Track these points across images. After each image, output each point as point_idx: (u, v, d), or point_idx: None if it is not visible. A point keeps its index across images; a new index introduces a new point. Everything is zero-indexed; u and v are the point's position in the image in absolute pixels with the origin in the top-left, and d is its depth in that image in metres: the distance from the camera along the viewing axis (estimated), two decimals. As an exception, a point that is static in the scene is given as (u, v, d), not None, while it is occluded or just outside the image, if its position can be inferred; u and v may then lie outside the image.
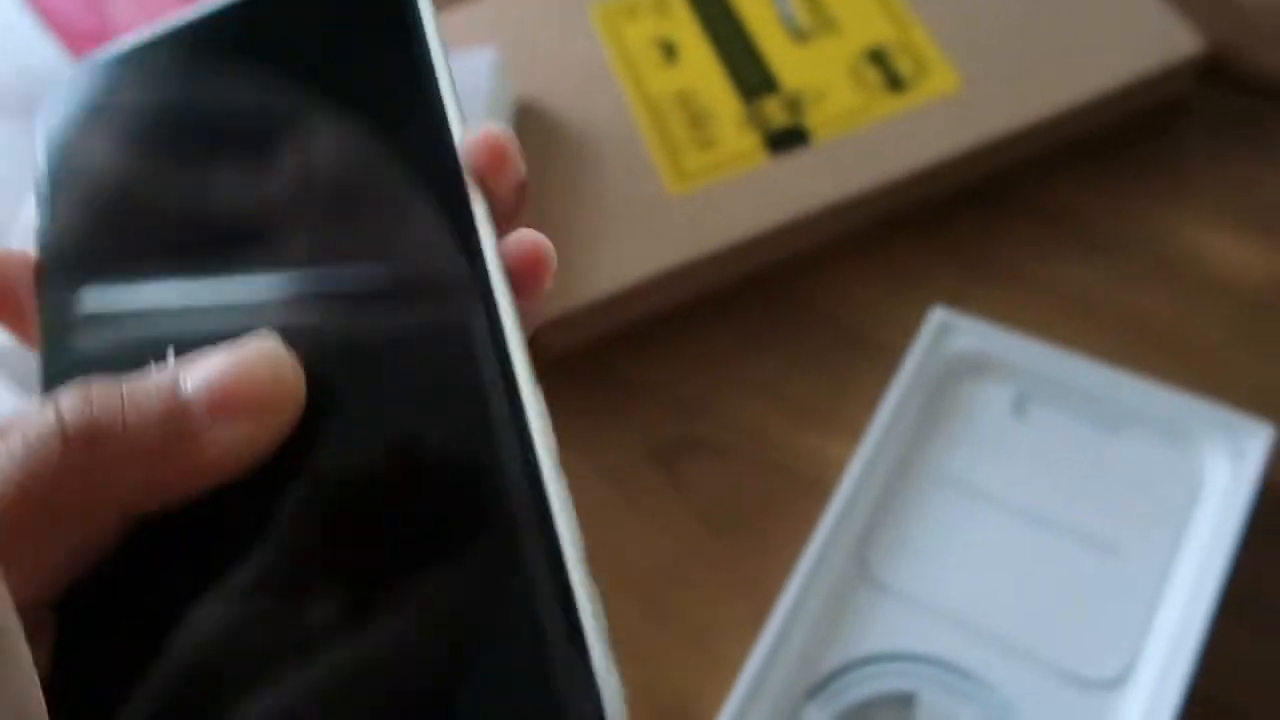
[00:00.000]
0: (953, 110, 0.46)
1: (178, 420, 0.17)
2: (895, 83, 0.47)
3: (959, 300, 0.44)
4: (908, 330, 0.44)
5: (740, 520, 0.41)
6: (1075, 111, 0.45)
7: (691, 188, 0.46)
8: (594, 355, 0.46)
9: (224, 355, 0.18)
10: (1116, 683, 0.34)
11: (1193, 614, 0.34)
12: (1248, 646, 0.35)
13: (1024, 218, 0.46)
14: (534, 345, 0.18)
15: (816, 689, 0.35)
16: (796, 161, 0.46)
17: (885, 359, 0.43)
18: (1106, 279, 0.43)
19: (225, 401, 0.18)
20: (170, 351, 0.19)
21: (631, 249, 0.45)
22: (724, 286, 0.46)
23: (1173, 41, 0.46)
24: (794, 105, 0.47)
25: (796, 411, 0.43)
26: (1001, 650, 0.35)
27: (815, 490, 0.38)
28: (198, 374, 0.18)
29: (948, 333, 0.40)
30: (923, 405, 0.39)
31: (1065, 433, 0.38)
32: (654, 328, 0.46)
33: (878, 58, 0.48)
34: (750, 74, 0.49)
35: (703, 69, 0.49)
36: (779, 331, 0.45)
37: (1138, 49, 0.46)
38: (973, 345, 0.40)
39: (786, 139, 0.46)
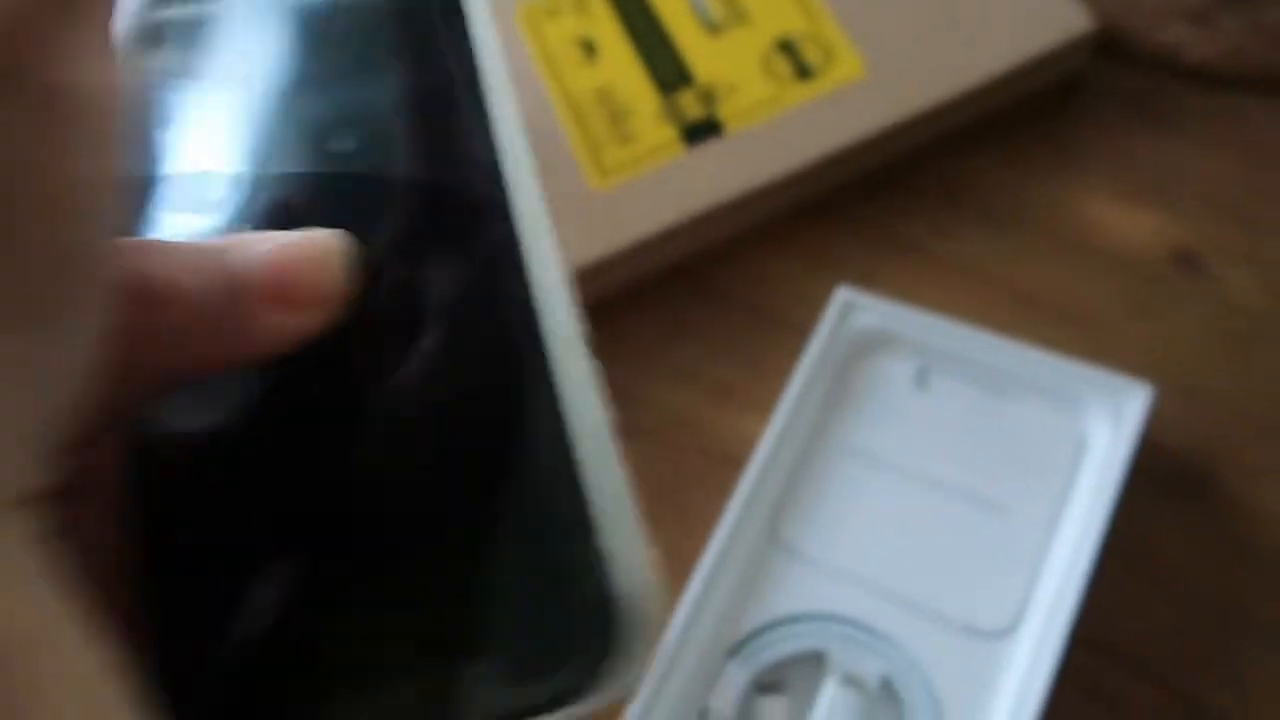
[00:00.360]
0: (858, 97, 0.48)
1: (237, 294, 0.17)
2: (804, 72, 0.49)
3: (868, 278, 0.46)
4: (820, 309, 0.46)
5: (661, 499, 0.43)
6: (975, 92, 0.48)
7: (612, 183, 0.48)
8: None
9: (291, 238, 0.18)
10: (1007, 631, 0.37)
11: (1075, 565, 0.36)
12: (1134, 596, 0.38)
13: (928, 197, 0.48)
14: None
15: (735, 649, 0.38)
16: (711, 152, 0.48)
17: (798, 338, 0.46)
18: (1004, 253, 0.46)
19: (285, 287, 0.17)
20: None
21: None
22: (646, 277, 0.49)
23: (1066, 21, 0.48)
24: (708, 97, 0.49)
25: (716, 393, 0.45)
26: (904, 607, 0.37)
27: (731, 466, 0.41)
28: (258, 250, 0.17)
29: (852, 311, 0.43)
30: (829, 381, 0.42)
31: (962, 401, 0.41)
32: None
33: (787, 47, 0.50)
34: (666, 68, 0.51)
35: (622, 66, 0.51)
36: (698, 318, 0.47)
37: (1033, 30, 0.48)
38: (875, 322, 0.42)
39: (701, 131, 0.49)
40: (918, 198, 0.48)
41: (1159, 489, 0.40)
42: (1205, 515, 0.40)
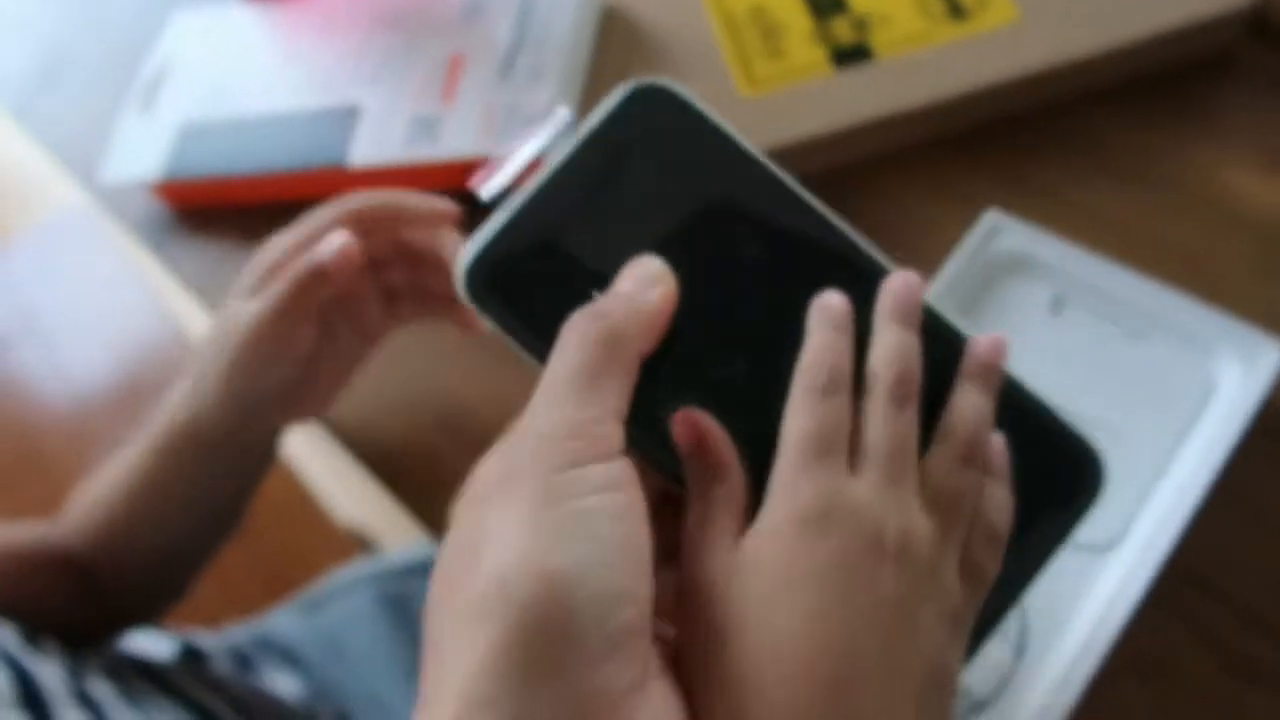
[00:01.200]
0: (1008, 40, 0.49)
1: None
2: (957, 11, 0.50)
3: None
4: (948, 240, 0.47)
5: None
6: (1125, 50, 0.48)
7: (761, 91, 0.49)
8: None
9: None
10: (1107, 548, 0.38)
11: (1183, 498, 0.37)
12: (1231, 535, 0.39)
13: (1067, 145, 0.49)
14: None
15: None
16: (859, 75, 0.49)
17: (925, 266, 0.47)
18: (1137, 207, 0.47)
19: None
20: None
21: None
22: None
23: (1223, -5, 0.49)
24: (861, 25, 0.51)
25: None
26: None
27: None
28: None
29: (998, 234, 0.44)
30: (965, 300, 0.43)
31: (1095, 333, 0.42)
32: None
33: (943, -12, 0.51)
34: (823, -6, 0.52)
35: (778, -13, 0.53)
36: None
37: None
38: (1020, 246, 0.43)
39: (851, 54, 0.50)
40: (1057, 145, 0.49)
41: (1275, 443, 0.40)
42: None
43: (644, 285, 0.27)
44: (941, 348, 0.30)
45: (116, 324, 1.61)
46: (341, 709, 0.62)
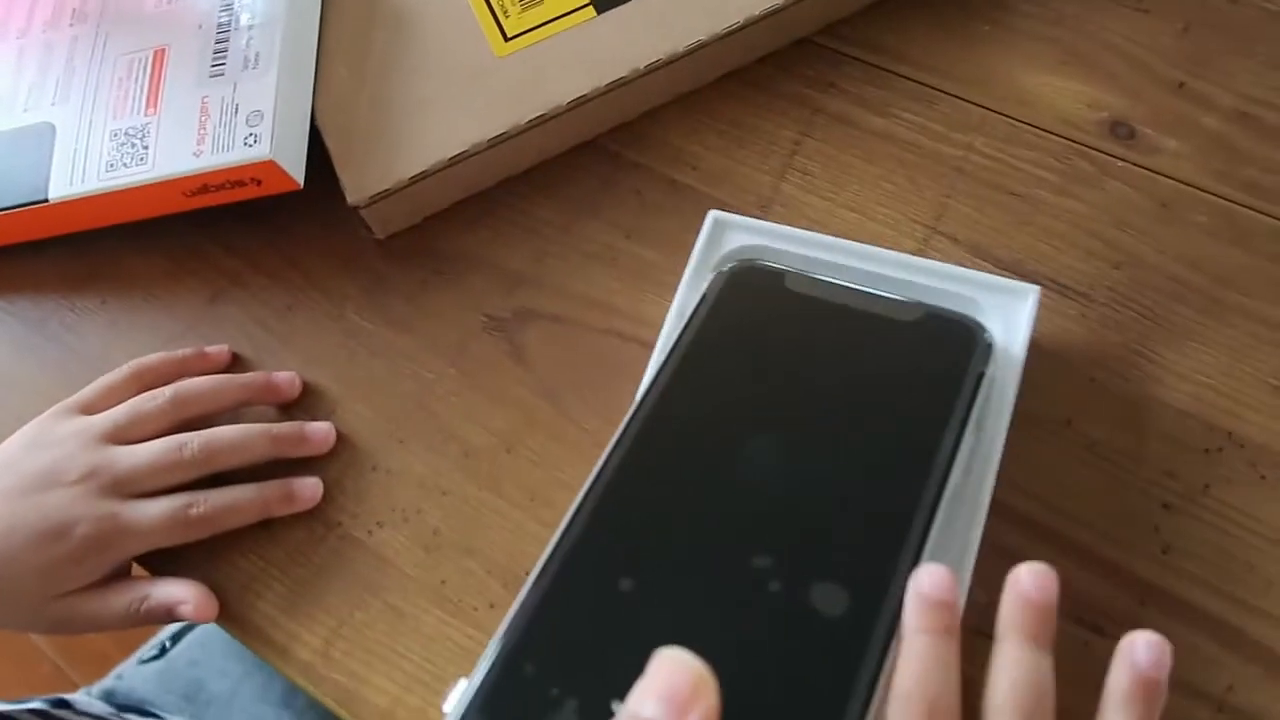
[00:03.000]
0: (782, -43, 0.44)
1: None
2: (723, -70, 0.45)
3: (798, 151, 0.44)
4: (748, 189, 0.43)
5: (579, 387, 0.40)
6: (904, -46, 0.44)
7: (518, 48, 0.44)
8: (425, 231, 0.44)
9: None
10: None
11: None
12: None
13: (855, 69, 0.45)
14: (361, 228, 0.19)
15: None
16: (624, 17, 0.44)
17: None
18: (933, 124, 0.43)
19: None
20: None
21: (457, 117, 0.43)
22: (553, 152, 0.45)
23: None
24: (620, -43, 0.45)
25: (634, 275, 0.42)
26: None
27: (646, 350, 0.37)
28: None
29: (724, 233, 0.39)
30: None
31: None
32: (486, 197, 0.45)
33: (705, -96, 0.46)
34: (574, -74, 0.46)
35: (524, -78, 0.46)
36: (613, 195, 0.44)
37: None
38: (747, 241, 0.39)
39: (613, -7, 0.44)
40: (844, 69, 0.45)
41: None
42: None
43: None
44: None
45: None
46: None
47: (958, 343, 0.34)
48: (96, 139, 0.42)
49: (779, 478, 0.32)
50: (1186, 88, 0.43)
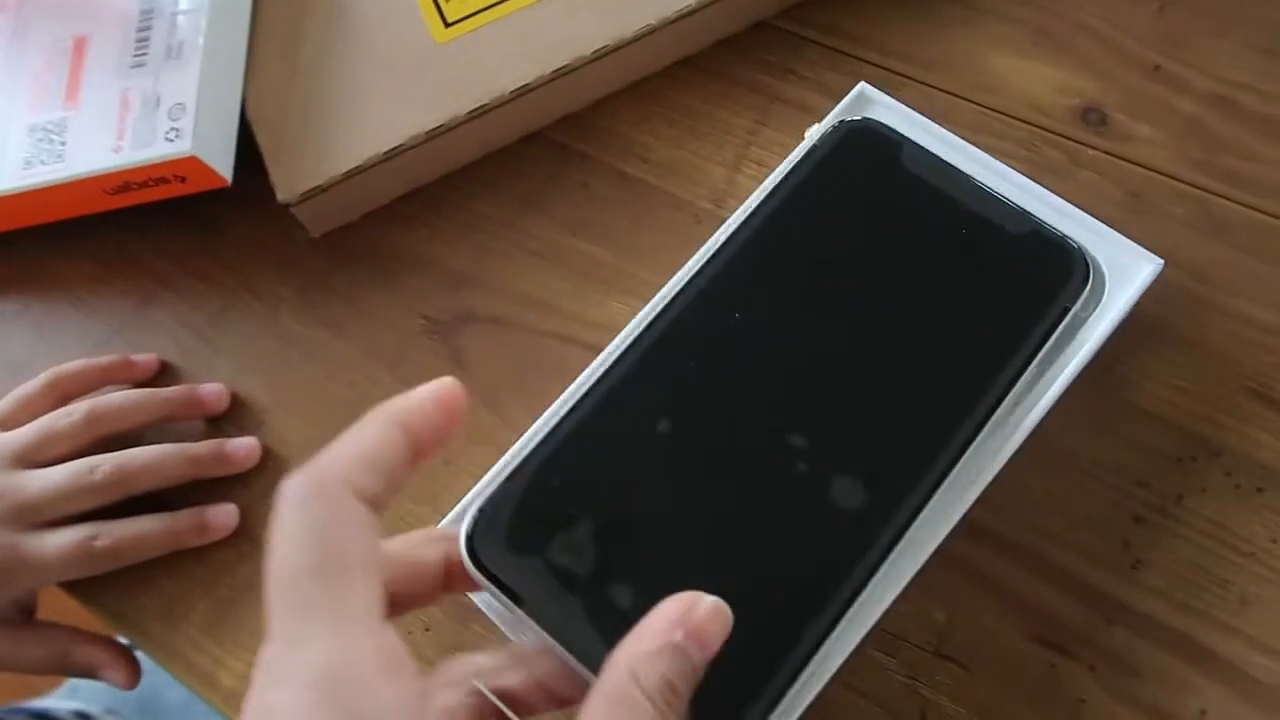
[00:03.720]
0: (738, -65, 0.42)
1: None
2: (676, -93, 0.43)
3: (753, 141, 0.41)
4: (701, 181, 0.41)
5: (522, 393, 0.38)
6: (867, -69, 0.42)
7: (458, 34, 0.41)
8: (362, 230, 0.42)
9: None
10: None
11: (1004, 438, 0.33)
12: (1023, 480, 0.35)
13: (817, 53, 0.43)
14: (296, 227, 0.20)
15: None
16: (572, 0, 0.41)
17: (673, 213, 0.41)
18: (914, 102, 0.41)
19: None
20: None
21: (394, 108, 0.40)
22: (498, 144, 0.42)
23: None
24: (567, -63, 0.43)
25: (580, 275, 0.40)
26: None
27: (591, 354, 0.35)
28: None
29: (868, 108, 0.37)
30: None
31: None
32: (426, 193, 0.42)
33: (657, -120, 0.44)
34: (519, -96, 0.44)
35: (467, -100, 0.44)
36: (559, 189, 0.42)
37: None
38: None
39: (560, -25, 0.42)
40: (804, 54, 0.43)
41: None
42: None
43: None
44: None
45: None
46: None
47: (1057, 268, 0.33)
48: (14, 134, 0.40)
49: (836, 359, 0.32)
50: (1162, 70, 0.41)
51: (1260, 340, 0.36)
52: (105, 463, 0.36)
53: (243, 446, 0.38)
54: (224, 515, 0.37)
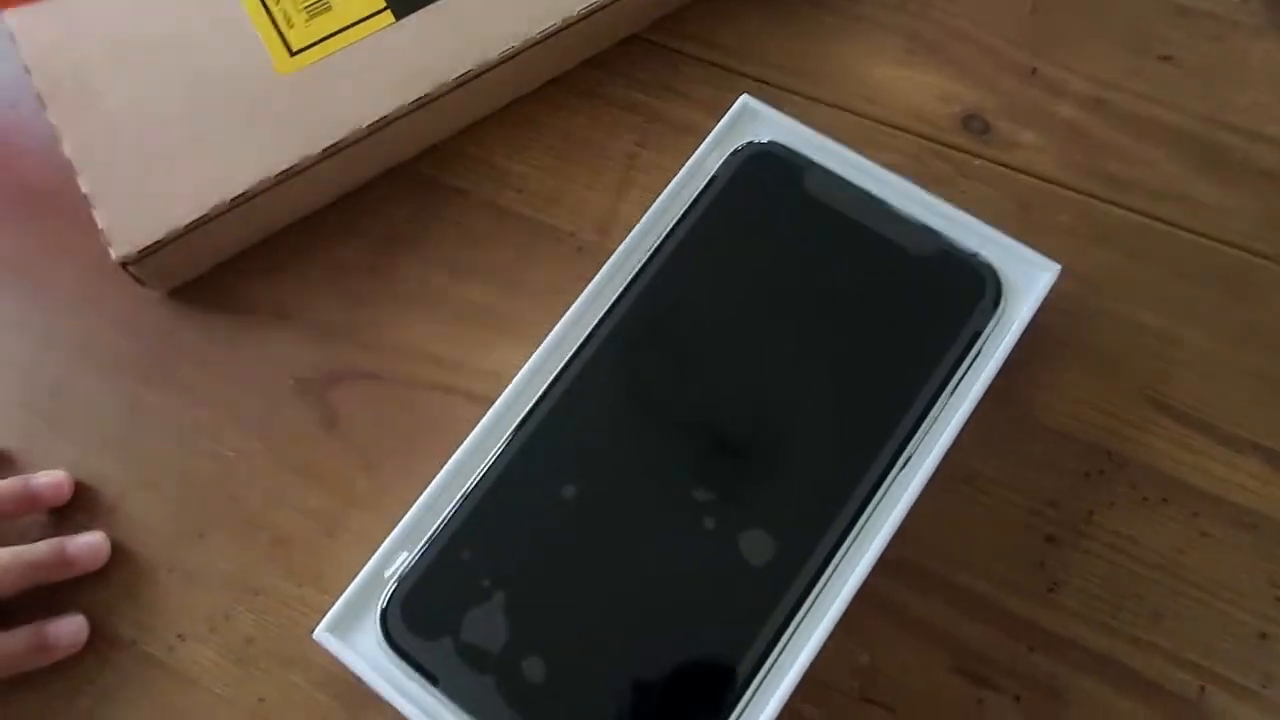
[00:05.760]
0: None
1: None
2: (534, -83, 0.40)
3: (634, 165, 0.39)
4: (582, 211, 0.39)
5: (402, 454, 0.35)
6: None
7: (304, 63, 0.38)
8: (215, 281, 0.38)
9: None
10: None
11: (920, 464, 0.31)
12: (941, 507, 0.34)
13: (695, 67, 0.41)
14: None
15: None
16: (427, 22, 0.38)
17: (561, 245, 0.38)
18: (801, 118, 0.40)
19: None
20: None
21: (238, 150, 0.37)
22: (360, 181, 0.39)
23: None
24: (419, -47, 0.40)
25: (460, 319, 0.37)
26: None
27: (479, 405, 0.33)
28: None
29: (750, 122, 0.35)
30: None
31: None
32: (283, 239, 0.39)
33: (512, -112, 0.41)
34: (363, -83, 0.40)
35: (306, -85, 0.40)
36: (430, 228, 0.39)
37: None
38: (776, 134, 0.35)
39: (414, -5, 0.39)
40: (681, 69, 0.41)
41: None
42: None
43: None
44: None
45: None
46: None
47: (967, 289, 0.32)
48: None
49: (745, 403, 0.31)
50: (1039, 74, 0.40)
51: (1153, 346, 0.36)
52: None
53: (88, 546, 0.34)
54: (70, 630, 0.33)
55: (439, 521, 0.30)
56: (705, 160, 0.35)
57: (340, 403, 0.36)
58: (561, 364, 0.32)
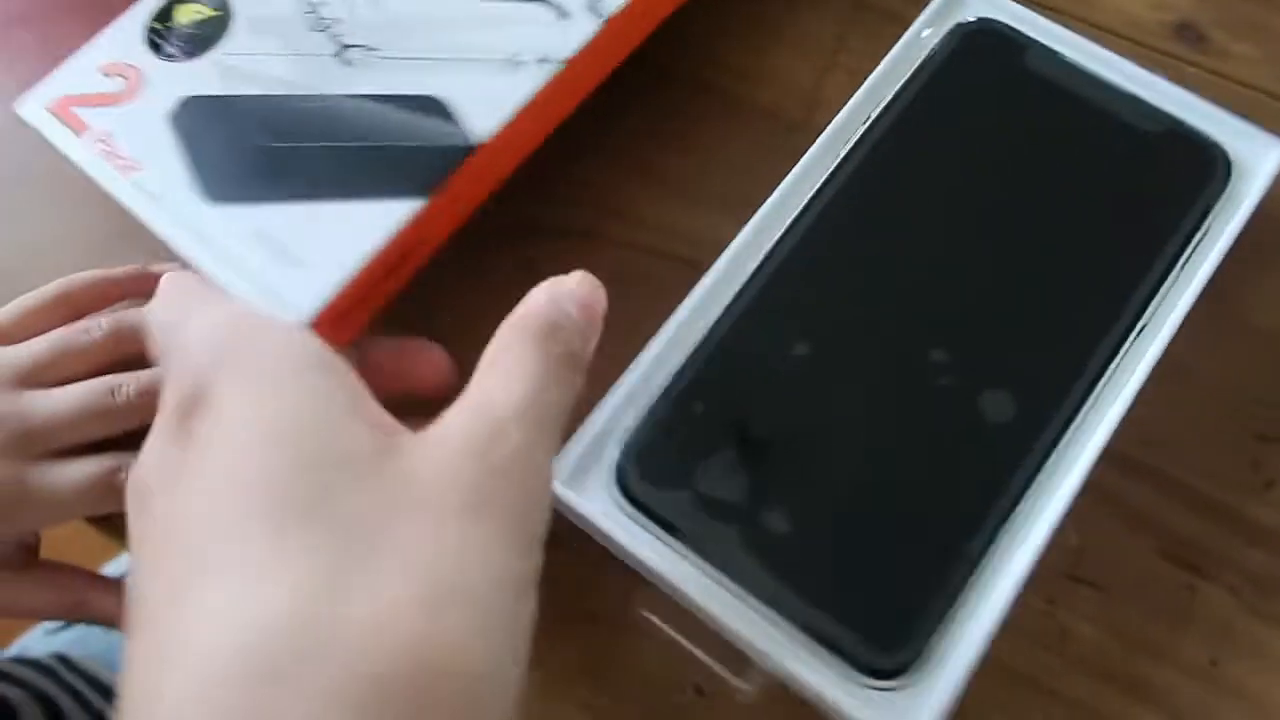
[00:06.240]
0: None
1: None
2: None
3: (840, 49, 0.39)
4: (789, 90, 0.39)
5: (612, 309, 0.35)
6: None
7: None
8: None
9: None
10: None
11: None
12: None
13: None
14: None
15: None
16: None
17: (770, 122, 0.38)
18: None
19: None
20: None
21: None
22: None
23: None
24: None
25: (666, 187, 0.37)
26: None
27: (700, 271, 0.33)
28: None
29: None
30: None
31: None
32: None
33: None
34: None
35: None
36: (630, 102, 0.39)
37: None
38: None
39: None
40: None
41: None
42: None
43: None
44: None
45: None
46: None
47: (1193, 165, 0.32)
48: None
49: (974, 271, 0.31)
50: (1253, -10, 0.40)
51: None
52: (131, 383, 0.32)
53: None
54: None
55: (667, 376, 0.30)
56: (918, 37, 0.35)
57: (543, 259, 0.36)
58: (782, 230, 0.32)
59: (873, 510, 0.28)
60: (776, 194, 0.33)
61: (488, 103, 0.33)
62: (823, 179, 0.33)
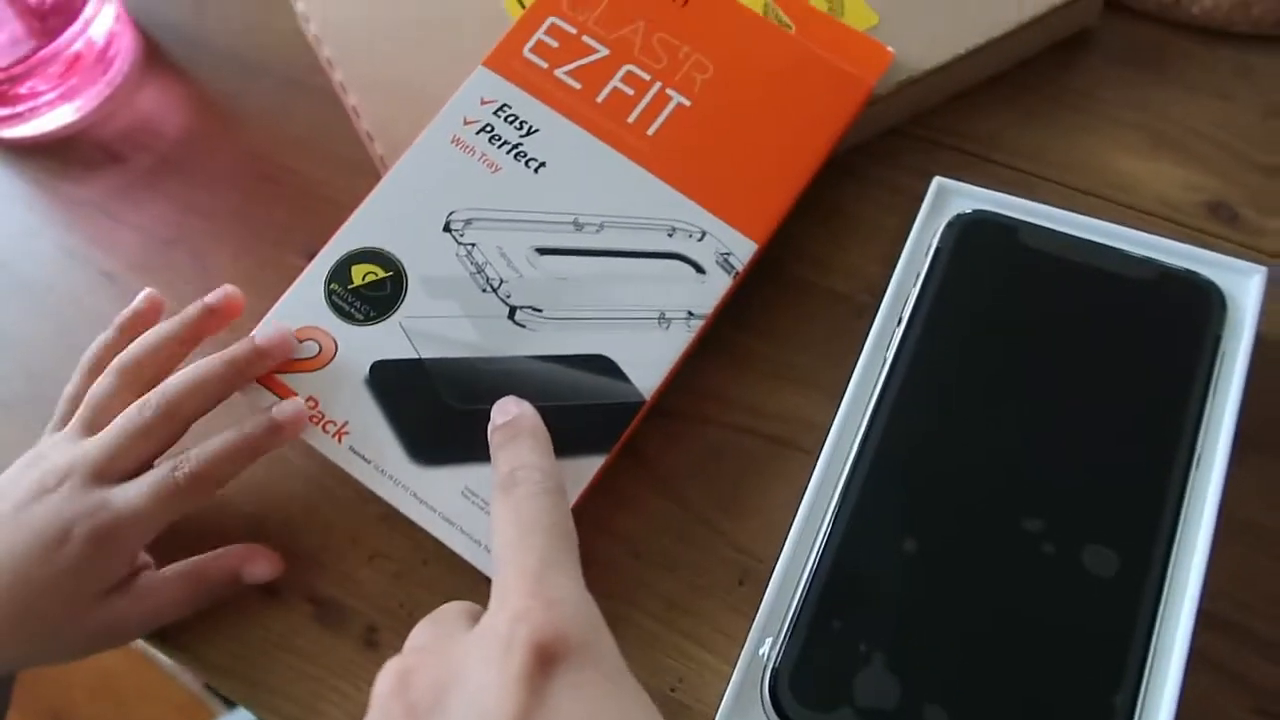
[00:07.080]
0: (872, 47, 0.45)
1: None
2: (810, 22, 0.45)
3: (903, 238, 0.43)
4: (857, 275, 0.42)
5: (710, 487, 0.38)
6: (989, 45, 0.45)
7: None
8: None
9: None
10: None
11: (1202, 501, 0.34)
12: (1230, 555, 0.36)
13: (949, 152, 0.45)
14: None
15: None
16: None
17: (839, 306, 0.42)
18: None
19: None
20: None
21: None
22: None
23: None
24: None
25: (745, 367, 0.41)
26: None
27: (786, 448, 0.36)
28: None
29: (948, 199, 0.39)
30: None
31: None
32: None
33: (790, -3, 0.46)
34: None
35: None
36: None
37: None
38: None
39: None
40: (938, 157, 0.45)
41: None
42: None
43: None
44: None
45: None
46: None
47: (1194, 303, 0.36)
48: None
49: (1034, 440, 0.34)
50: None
51: None
52: (151, 397, 0.36)
53: (273, 340, 0.38)
54: (291, 410, 0.37)
55: (796, 596, 0.32)
56: (922, 235, 0.39)
57: (642, 438, 0.40)
58: (863, 421, 0.35)
59: (1018, 686, 0.30)
60: (854, 379, 0.37)
61: (649, 358, 0.38)
62: (886, 367, 0.36)
